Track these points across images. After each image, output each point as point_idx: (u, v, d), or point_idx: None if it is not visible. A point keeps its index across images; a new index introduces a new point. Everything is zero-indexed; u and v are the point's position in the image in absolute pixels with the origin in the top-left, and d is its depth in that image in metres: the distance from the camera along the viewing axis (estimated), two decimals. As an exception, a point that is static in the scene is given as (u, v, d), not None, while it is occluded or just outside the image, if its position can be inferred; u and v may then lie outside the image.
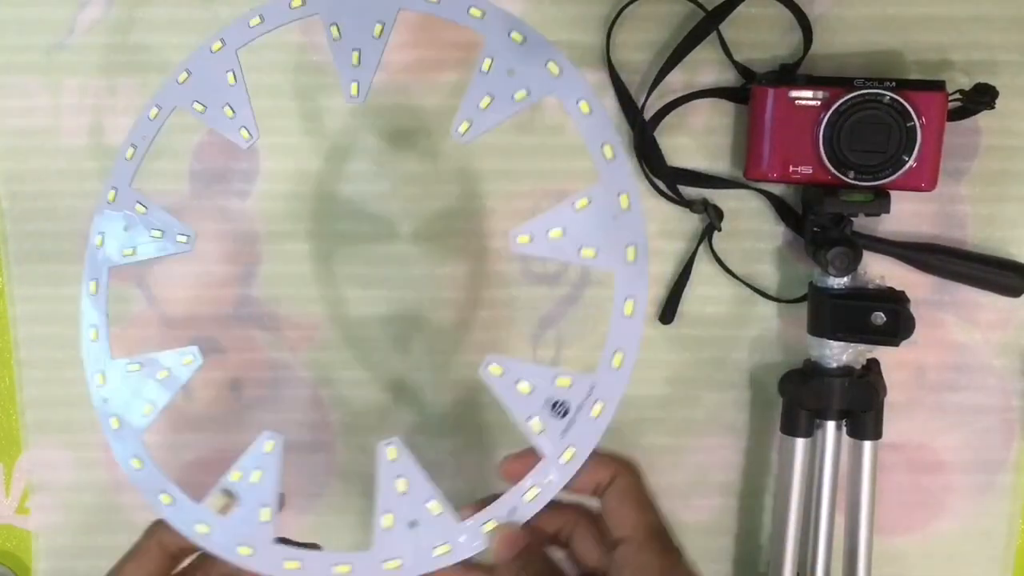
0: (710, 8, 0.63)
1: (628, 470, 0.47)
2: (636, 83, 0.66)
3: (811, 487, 0.65)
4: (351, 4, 0.49)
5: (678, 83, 0.65)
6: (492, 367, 0.47)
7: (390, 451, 0.47)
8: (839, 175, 0.60)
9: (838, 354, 0.63)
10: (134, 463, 0.51)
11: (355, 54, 0.49)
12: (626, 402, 0.69)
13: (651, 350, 0.69)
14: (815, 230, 0.63)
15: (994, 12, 0.64)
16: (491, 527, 0.46)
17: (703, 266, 0.67)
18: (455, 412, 0.70)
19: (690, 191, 0.67)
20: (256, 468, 0.49)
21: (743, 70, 0.65)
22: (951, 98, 0.61)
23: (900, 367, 0.68)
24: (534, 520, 0.46)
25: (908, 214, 0.66)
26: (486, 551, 0.46)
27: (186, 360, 0.51)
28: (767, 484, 0.70)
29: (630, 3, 0.64)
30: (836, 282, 0.62)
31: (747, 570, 0.72)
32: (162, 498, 0.50)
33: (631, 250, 0.46)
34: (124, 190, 0.53)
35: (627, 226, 0.46)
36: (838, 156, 0.60)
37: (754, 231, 0.67)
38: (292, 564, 0.48)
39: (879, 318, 0.61)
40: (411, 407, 0.70)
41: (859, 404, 0.63)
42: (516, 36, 0.47)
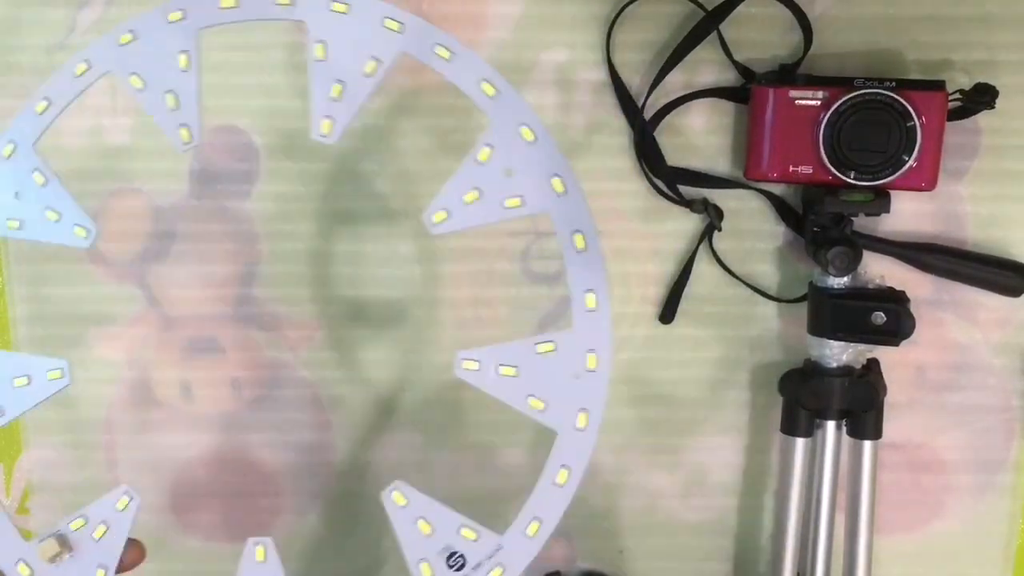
0: (710, 8, 0.63)
1: None
2: (636, 83, 0.66)
3: (811, 487, 0.65)
4: (348, 25, 0.41)
5: (678, 83, 0.65)
6: (395, 495, 0.41)
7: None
8: (839, 175, 0.60)
9: (838, 354, 0.63)
10: None
11: (337, 86, 0.40)
12: (626, 402, 0.70)
13: (651, 350, 0.69)
14: (815, 230, 0.63)
15: (994, 12, 0.64)
16: None
17: (703, 266, 0.67)
18: (455, 412, 0.70)
19: (690, 191, 0.67)
20: (101, 523, 0.42)
21: (743, 70, 0.65)
22: (951, 98, 0.61)
23: (900, 367, 0.68)
24: None
25: (908, 214, 0.66)
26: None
27: (52, 374, 0.44)
28: (767, 484, 0.70)
29: (630, 3, 0.64)
30: (836, 282, 0.62)
31: (747, 570, 0.72)
32: None
33: (581, 416, 0.42)
34: (24, 149, 0.43)
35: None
36: (838, 156, 0.60)
37: (754, 231, 0.67)
38: None
39: (879, 318, 0.61)
40: (412, 407, 0.70)
41: (859, 404, 0.63)
42: (526, 133, 0.40)
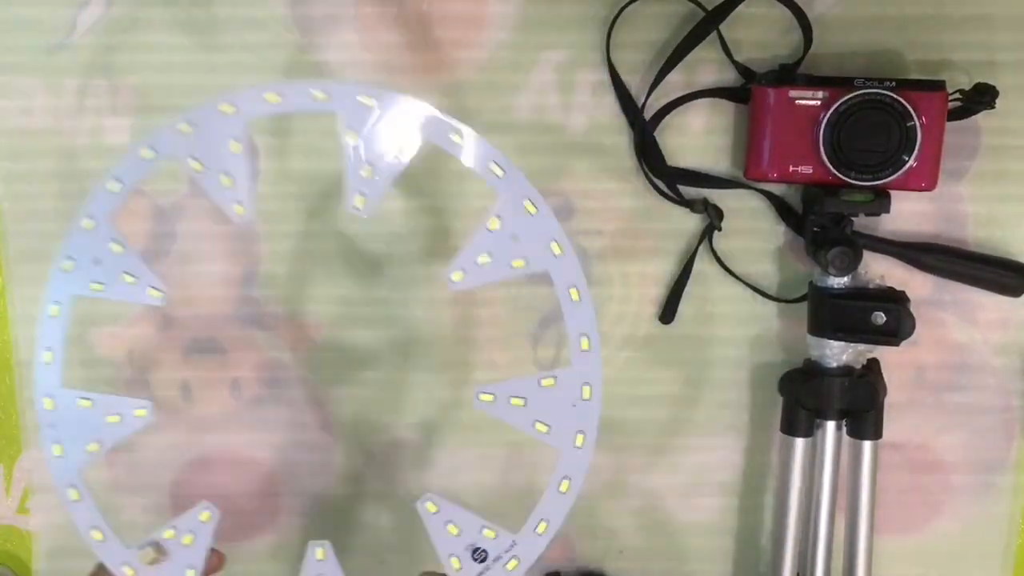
0: (710, 8, 0.63)
1: None
2: (636, 83, 0.65)
3: (811, 487, 0.65)
4: (375, 116, 0.48)
5: (678, 83, 0.65)
6: (428, 504, 0.50)
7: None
8: (839, 175, 0.60)
9: (838, 354, 0.63)
10: (71, 493, 0.51)
11: (367, 168, 0.48)
12: (627, 402, 0.70)
13: (651, 350, 0.69)
14: (815, 230, 0.63)
15: (994, 12, 0.64)
16: None
17: (703, 266, 0.67)
18: (456, 412, 0.70)
19: (690, 191, 0.67)
20: (189, 532, 0.51)
21: (743, 70, 0.65)
22: (951, 98, 0.61)
23: (900, 367, 0.68)
24: None
25: (908, 214, 0.66)
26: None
27: (138, 412, 0.51)
28: (767, 484, 0.70)
29: (630, 3, 0.64)
30: (836, 282, 0.62)
31: (747, 570, 0.72)
32: (93, 534, 0.51)
33: (579, 437, 0.50)
34: (103, 224, 0.50)
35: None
36: (838, 156, 0.60)
37: (754, 231, 0.67)
38: None
39: (879, 318, 0.61)
40: (411, 407, 0.70)
41: (859, 404, 0.63)
42: (529, 207, 0.48)
